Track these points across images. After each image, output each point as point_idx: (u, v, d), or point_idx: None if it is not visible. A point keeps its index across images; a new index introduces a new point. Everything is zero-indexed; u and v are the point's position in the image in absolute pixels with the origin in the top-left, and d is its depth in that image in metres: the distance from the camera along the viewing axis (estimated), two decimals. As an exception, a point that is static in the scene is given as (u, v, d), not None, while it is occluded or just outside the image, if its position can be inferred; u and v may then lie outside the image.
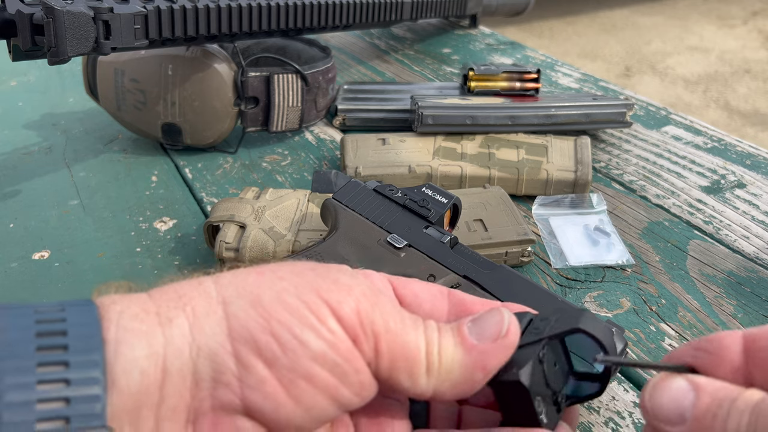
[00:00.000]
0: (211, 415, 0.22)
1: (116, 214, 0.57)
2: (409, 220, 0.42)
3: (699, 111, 2.51)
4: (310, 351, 0.23)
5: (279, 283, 0.24)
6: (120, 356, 0.21)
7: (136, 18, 0.47)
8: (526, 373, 0.24)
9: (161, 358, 0.22)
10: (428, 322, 0.25)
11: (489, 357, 0.25)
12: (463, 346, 0.25)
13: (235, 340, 0.22)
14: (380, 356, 0.24)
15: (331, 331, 0.23)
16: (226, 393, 0.22)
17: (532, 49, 0.95)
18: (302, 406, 0.23)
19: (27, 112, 0.76)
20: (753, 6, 3.60)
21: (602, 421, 0.37)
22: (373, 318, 0.24)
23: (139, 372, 0.21)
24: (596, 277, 0.49)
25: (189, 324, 0.22)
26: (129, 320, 0.22)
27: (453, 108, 0.61)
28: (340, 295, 0.24)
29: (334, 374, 0.23)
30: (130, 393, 0.21)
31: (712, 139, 0.69)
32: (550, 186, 0.57)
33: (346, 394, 0.24)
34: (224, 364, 0.22)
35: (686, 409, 0.22)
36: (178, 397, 0.22)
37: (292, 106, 0.65)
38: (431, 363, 0.24)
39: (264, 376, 0.22)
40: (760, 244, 0.53)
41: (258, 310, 0.23)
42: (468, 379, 0.25)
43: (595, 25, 3.39)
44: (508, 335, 0.25)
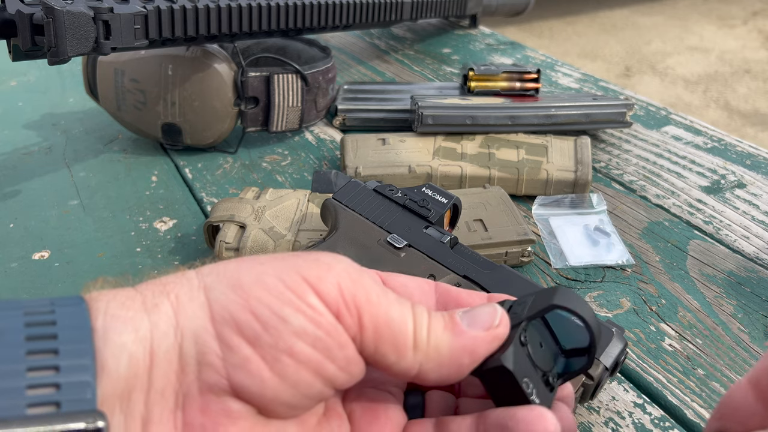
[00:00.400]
0: (200, 399, 0.23)
1: (116, 214, 0.57)
2: (409, 220, 0.42)
3: (699, 111, 2.51)
4: (291, 327, 0.23)
5: (258, 267, 0.24)
6: (109, 342, 0.21)
7: (136, 18, 0.47)
8: (508, 357, 0.25)
9: (148, 342, 0.22)
10: (418, 305, 0.26)
11: (478, 343, 0.25)
12: (453, 330, 0.25)
13: (217, 322, 0.23)
14: (364, 329, 0.24)
15: (311, 306, 0.23)
16: (211, 374, 0.22)
17: (532, 49, 0.95)
18: (288, 382, 0.23)
19: (27, 112, 0.76)
20: (753, 6, 3.60)
21: (602, 421, 0.37)
22: (354, 292, 0.24)
23: (127, 356, 0.21)
24: (596, 277, 0.49)
25: (173, 309, 0.23)
26: (116, 308, 0.22)
27: (453, 108, 0.61)
28: (320, 272, 0.24)
29: (317, 349, 0.23)
30: (119, 377, 0.21)
31: (712, 139, 0.69)
32: (550, 186, 0.57)
33: (332, 369, 0.24)
34: (208, 345, 0.23)
35: None
36: (165, 381, 0.22)
37: (292, 106, 0.65)
38: (419, 339, 0.24)
39: (247, 354, 0.23)
40: (760, 244, 0.53)
41: (237, 292, 0.23)
42: (455, 361, 0.25)
43: (595, 25, 3.39)
44: (499, 326, 0.25)
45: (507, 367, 0.24)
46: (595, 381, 0.35)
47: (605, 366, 0.35)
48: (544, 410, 0.24)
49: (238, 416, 0.23)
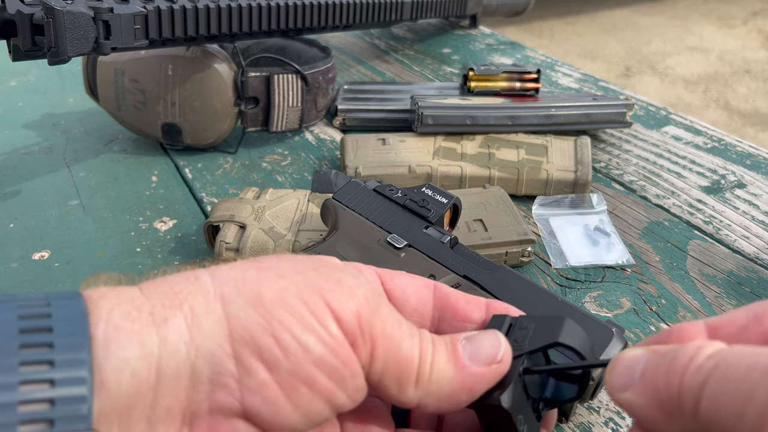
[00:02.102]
0: (209, 418, 0.22)
1: (116, 214, 0.57)
2: (409, 220, 0.42)
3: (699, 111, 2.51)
4: (312, 355, 0.22)
5: (280, 281, 0.24)
6: (110, 356, 0.20)
7: (136, 18, 0.47)
8: (507, 397, 0.25)
9: (155, 359, 0.21)
10: (423, 332, 0.25)
11: (478, 380, 0.25)
12: (455, 365, 0.25)
13: (236, 342, 0.22)
14: (374, 361, 0.24)
15: (332, 335, 0.23)
16: (224, 396, 0.22)
17: (532, 49, 0.95)
18: (301, 410, 0.23)
19: (27, 112, 0.76)
20: (753, 6, 3.60)
21: (602, 421, 0.37)
22: (372, 322, 0.24)
23: (130, 373, 0.20)
24: (596, 277, 0.49)
25: (187, 324, 0.22)
26: (120, 319, 0.21)
27: (453, 108, 0.61)
28: (342, 297, 0.24)
29: (333, 379, 0.23)
30: (120, 394, 0.20)
31: (712, 139, 0.69)
32: (550, 186, 0.57)
33: (342, 397, 0.23)
34: (224, 366, 0.22)
35: (637, 371, 0.22)
36: (173, 399, 0.21)
37: (292, 106, 0.65)
38: (422, 375, 0.24)
39: (265, 379, 0.22)
40: (760, 244, 0.53)
41: (259, 310, 0.22)
42: (454, 397, 0.25)
43: (595, 25, 3.39)
44: (501, 362, 0.25)
45: (505, 407, 0.25)
46: (595, 381, 0.35)
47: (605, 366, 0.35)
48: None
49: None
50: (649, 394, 0.21)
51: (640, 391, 0.21)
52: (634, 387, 0.21)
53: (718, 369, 0.19)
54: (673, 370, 0.20)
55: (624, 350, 0.23)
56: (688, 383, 0.19)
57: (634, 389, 0.21)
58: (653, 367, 0.21)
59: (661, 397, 0.20)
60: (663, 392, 0.20)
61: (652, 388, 0.21)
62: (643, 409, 0.21)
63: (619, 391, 0.22)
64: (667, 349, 0.21)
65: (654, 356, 0.22)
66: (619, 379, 0.22)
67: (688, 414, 0.19)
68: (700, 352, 0.20)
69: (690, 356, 0.20)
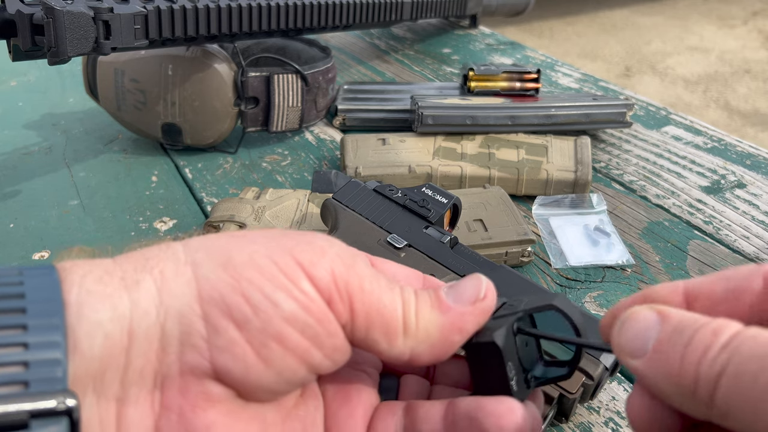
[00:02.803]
0: (180, 380, 0.22)
1: (116, 214, 0.57)
2: (409, 220, 0.42)
3: (699, 111, 2.51)
4: (282, 312, 0.22)
5: (250, 245, 0.24)
6: (83, 319, 0.20)
7: (136, 18, 0.47)
8: (500, 336, 0.25)
9: (127, 321, 0.21)
10: (405, 286, 0.25)
11: (466, 319, 0.25)
12: (440, 309, 0.25)
13: (205, 302, 0.22)
14: (356, 317, 0.23)
15: (304, 292, 0.23)
16: (194, 356, 0.22)
17: (532, 49, 0.95)
18: (273, 368, 0.22)
19: (27, 112, 0.76)
20: (753, 6, 3.60)
21: (602, 421, 0.37)
22: (347, 278, 0.24)
23: (103, 335, 0.20)
24: (596, 277, 0.49)
25: (156, 286, 0.22)
26: (92, 283, 0.21)
27: (453, 108, 0.61)
28: (314, 257, 0.24)
29: (306, 336, 0.23)
30: (93, 357, 0.20)
31: (712, 139, 0.69)
32: (550, 186, 0.57)
33: (318, 356, 0.23)
34: (192, 326, 0.22)
35: (649, 340, 0.21)
36: (144, 361, 0.21)
37: (292, 106, 0.65)
38: (408, 324, 0.24)
39: (234, 337, 0.22)
40: (760, 244, 0.53)
41: (229, 271, 0.22)
42: (445, 340, 0.24)
43: (595, 25, 3.39)
44: (485, 299, 0.25)
45: (497, 343, 0.24)
46: (595, 381, 0.35)
47: (605, 366, 0.35)
48: (514, 403, 0.24)
49: (217, 399, 0.22)
50: (663, 372, 0.20)
51: (652, 365, 0.21)
52: (646, 358, 0.21)
53: (732, 363, 0.18)
54: (690, 356, 0.19)
55: (632, 309, 0.22)
56: (704, 374, 0.19)
57: (646, 361, 0.21)
58: (669, 346, 0.20)
59: (676, 380, 0.20)
60: (678, 376, 0.20)
61: (666, 367, 0.20)
62: (654, 382, 0.21)
63: (629, 356, 0.22)
64: (683, 325, 0.20)
65: (668, 329, 0.21)
66: (630, 345, 0.22)
67: (703, 401, 0.19)
68: (717, 340, 0.19)
69: (706, 345, 0.19)
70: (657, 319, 0.21)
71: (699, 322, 0.20)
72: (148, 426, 0.21)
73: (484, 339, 0.25)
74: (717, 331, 0.19)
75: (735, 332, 0.19)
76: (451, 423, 0.24)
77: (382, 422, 0.26)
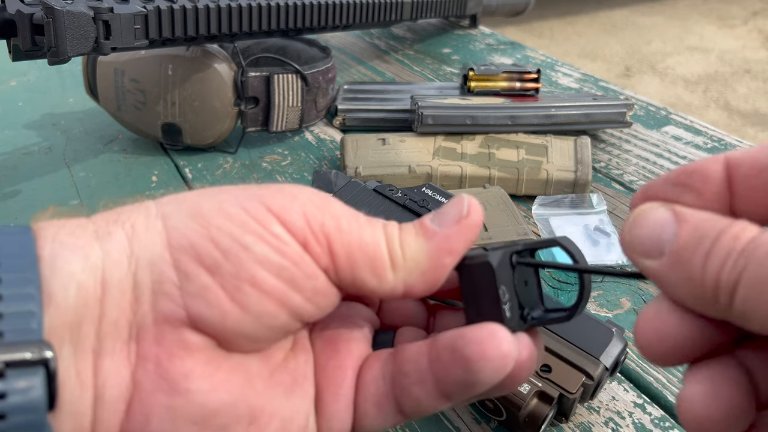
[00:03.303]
0: (154, 330, 0.21)
1: (116, 214, 0.57)
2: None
3: (699, 111, 2.52)
4: (254, 255, 0.22)
5: (220, 195, 0.23)
6: (56, 271, 0.20)
7: (136, 18, 0.47)
8: (495, 257, 0.24)
9: (100, 271, 0.21)
10: (389, 222, 0.25)
11: (453, 239, 0.24)
12: (426, 235, 0.24)
13: (175, 250, 0.22)
14: (336, 258, 0.23)
15: (275, 235, 0.22)
16: (167, 304, 0.21)
17: (532, 49, 0.95)
18: (250, 313, 0.22)
19: (27, 112, 0.76)
20: (753, 6, 3.60)
21: (602, 421, 0.37)
22: (322, 220, 0.23)
23: (76, 285, 0.20)
24: (596, 277, 0.49)
25: (128, 237, 0.22)
26: (65, 236, 0.21)
27: (453, 108, 0.61)
28: (285, 201, 0.23)
29: (282, 279, 0.22)
30: (68, 307, 0.20)
31: (712, 139, 0.69)
32: (550, 186, 0.57)
33: (298, 300, 0.23)
34: (164, 274, 0.21)
35: (666, 242, 0.20)
36: (119, 312, 0.21)
37: (292, 106, 0.65)
38: (395, 256, 0.24)
39: (206, 282, 0.22)
40: (760, 244, 0.53)
41: (197, 219, 0.22)
42: (436, 265, 0.24)
43: (595, 25, 3.39)
44: (469, 214, 0.24)
45: (491, 263, 0.23)
46: (595, 381, 0.35)
47: (605, 366, 0.35)
48: (497, 327, 0.23)
49: (195, 348, 0.22)
50: (683, 277, 0.19)
51: (671, 268, 0.20)
52: (663, 260, 0.20)
53: (748, 268, 0.18)
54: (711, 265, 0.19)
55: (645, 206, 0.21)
56: (725, 280, 0.18)
57: (662, 263, 0.20)
58: (688, 251, 0.19)
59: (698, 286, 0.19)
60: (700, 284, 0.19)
61: (686, 272, 0.19)
62: (673, 285, 0.20)
63: (642, 255, 0.21)
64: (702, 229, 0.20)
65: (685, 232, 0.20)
66: (644, 244, 0.21)
67: (723, 306, 0.19)
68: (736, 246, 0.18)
69: (727, 252, 0.19)
70: (673, 219, 0.20)
71: (718, 226, 0.19)
72: (124, 376, 0.21)
73: (478, 260, 0.24)
74: (737, 237, 0.19)
75: (751, 237, 0.18)
76: (435, 358, 0.23)
77: (370, 370, 0.25)
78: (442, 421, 0.38)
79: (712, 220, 0.20)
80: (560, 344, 0.36)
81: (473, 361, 0.22)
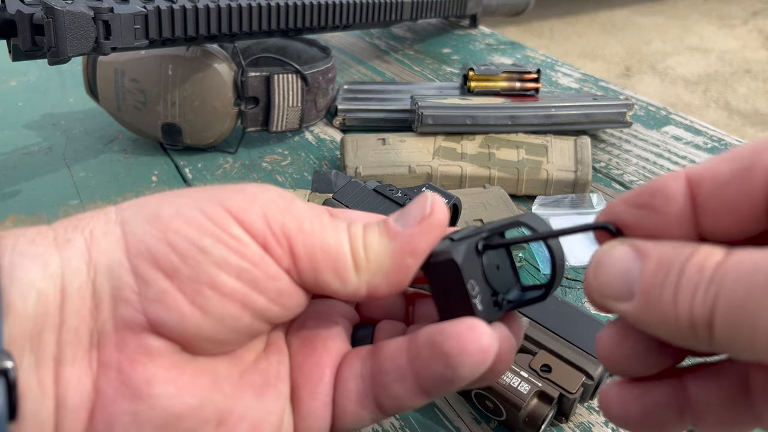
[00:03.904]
0: (115, 336, 0.21)
1: (116, 214, 0.57)
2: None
3: (699, 111, 2.52)
4: (212, 257, 0.22)
5: (179, 199, 0.23)
6: (15, 280, 0.20)
7: (136, 18, 0.47)
8: (459, 253, 0.23)
9: (59, 279, 0.21)
10: (354, 222, 0.24)
11: (416, 239, 0.23)
12: (389, 235, 0.24)
13: (133, 255, 0.22)
14: (298, 259, 0.23)
15: (234, 236, 0.22)
16: (126, 310, 0.21)
17: (532, 49, 0.95)
18: (211, 316, 0.22)
19: (27, 112, 0.76)
20: (753, 6, 3.60)
21: (602, 421, 0.37)
22: (283, 221, 0.23)
23: (36, 294, 0.20)
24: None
25: (86, 244, 0.22)
26: (24, 245, 0.21)
27: (453, 108, 0.61)
28: (244, 203, 0.23)
29: (243, 281, 0.22)
30: (27, 316, 0.20)
31: (712, 139, 0.69)
32: (550, 186, 0.57)
33: (261, 301, 0.22)
34: (122, 280, 0.21)
35: (633, 282, 0.19)
36: (79, 319, 0.21)
37: (292, 106, 0.65)
38: (358, 258, 0.23)
39: (164, 287, 0.21)
40: (760, 244, 0.53)
41: (155, 224, 0.22)
42: (399, 266, 0.23)
43: (595, 25, 3.39)
44: (432, 213, 0.24)
45: (455, 259, 0.23)
46: (595, 381, 0.35)
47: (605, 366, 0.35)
48: (476, 321, 0.22)
49: (157, 353, 0.22)
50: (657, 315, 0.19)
51: (643, 308, 0.19)
52: (634, 301, 0.19)
53: (721, 297, 0.17)
54: (682, 299, 0.18)
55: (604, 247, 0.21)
56: (699, 313, 0.18)
57: (634, 304, 0.19)
58: (658, 288, 0.19)
59: (674, 323, 0.18)
60: (675, 320, 0.18)
61: (660, 310, 0.19)
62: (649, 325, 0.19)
63: (613, 299, 0.20)
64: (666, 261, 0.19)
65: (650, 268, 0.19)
66: (612, 287, 0.20)
67: (704, 340, 0.18)
68: (703, 276, 0.18)
69: (695, 283, 0.18)
70: (635, 256, 0.20)
71: (682, 256, 0.19)
72: (86, 384, 0.21)
73: (442, 257, 0.23)
74: (702, 266, 0.18)
75: (717, 263, 0.18)
76: (415, 355, 0.23)
77: (348, 368, 0.25)
78: (442, 421, 0.38)
79: (675, 250, 0.19)
80: (560, 344, 0.36)
81: (453, 356, 0.22)
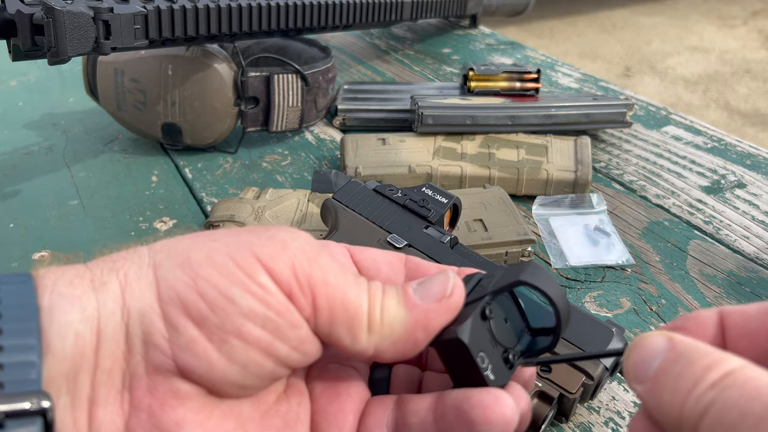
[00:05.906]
0: (147, 379, 0.22)
1: (116, 214, 0.57)
2: (409, 220, 0.42)
3: (699, 111, 2.51)
4: (239, 308, 0.22)
5: (210, 243, 0.24)
6: (54, 321, 0.21)
7: (136, 18, 0.47)
8: (464, 330, 0.24)
9: (95, 321, 0.21)
10: (373, 281, 0.25)
11: (431, 316, 0.24)
12: (406, 305, 0.24)
13: (164, 302, 0.22)
14: (319, 311, 0.23)
15: (261, 285, 0.23)
16: (157, 355, 0.22)
17: (532, 49, 0.95)
18: (237, 363, 0.22)
19: (27, 112, 0.76)
20: (753, 6, 3.60)
21: (602, 421, 0.37)
22: (310, 272, 0.23)
23: (74, 335, 0.21)
24: (596, 277, 0.49)
25: (121, 287, 0.22)
26: (63, 286, 0.22)
27: (453, 108, 0.61)
28: (274, 251, 0.23)
29: (267, 330, 0.23)
30: (65, 357, 0.21)
31: (712, 139, 0.69)
32: (550, 186, 0.57)
33: (284, 349, 0.23)
34: (153, 326, 0.22)
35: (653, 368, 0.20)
36: (112, 362, 0.22)
37: (292, 106, 0.65)
38: (373, 320, 0.24)
39: (193, 335, 0.22)
40: (760, 244, 0.53)
41: (186, 270, 0.23)
42: (409, 337, 0.24)
43: (595, 25, 3.39)
44: (452, 296, 0.24)
45: (462, 339, 0.24)
46: (595, 381, 0.35)
47: (605, 366, 0.35)
48: (501, 393, 0.23)
49: (186, 397, 0.22)
50: (658, 401, 0.20)
51: (651, 392, 0.20)
52: (647, 386, 0.20)
53: (716, 406, 0.18)
54: (678, 390, 0.19)
55: (645, 334, 0.22)
56: (688, 410, 0.19)
57: (645, 388, 0.20)
58: (665, 375, 0.20)
59: (665, 412, 0.20)
60: (667, 408, 0.19)
61: (659, 396, 0.20)
62: (652, 410, 0.20)
63: (633, 381, 0.21)
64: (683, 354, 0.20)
65: (669, 359, 0.20)
66: (634, 370, 0.21)
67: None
68: (707, 376, 0.18)
69: (695, 381, 0.19)
70: (665, 346, 0.21)
71: (700, 353, 0.19)
72: (118, 425, 0.22)
73: (448, 336, 0.24)
74: (710, 367, 0.19)
75: (727, 371, 0.18)
76: (441, 415, 0.24)
77: (373, 417, 0.26)
78: (442, 421, 0.38)
79: (699, 347, 0.20)
80: (560, 344, 0.36)
81: (478, 424, 0.23)
